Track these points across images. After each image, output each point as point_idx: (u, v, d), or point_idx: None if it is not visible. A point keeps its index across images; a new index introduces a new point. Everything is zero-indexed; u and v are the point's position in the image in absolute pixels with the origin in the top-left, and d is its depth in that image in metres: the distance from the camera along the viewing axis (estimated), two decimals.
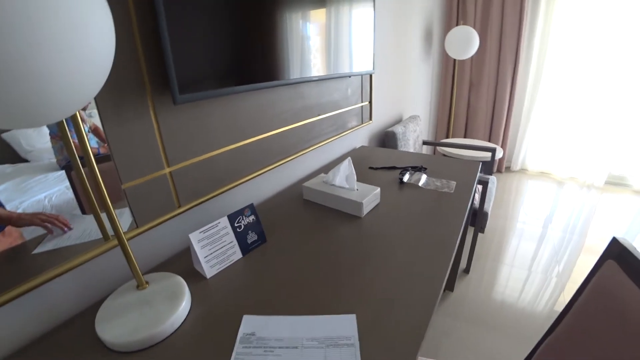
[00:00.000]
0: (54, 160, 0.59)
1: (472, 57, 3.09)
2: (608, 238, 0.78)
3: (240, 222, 0.78)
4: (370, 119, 1.75)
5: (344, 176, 1.03)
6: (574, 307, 0.66)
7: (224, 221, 0.76)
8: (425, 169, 1.30)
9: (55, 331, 0.59)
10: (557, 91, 3.08)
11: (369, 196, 0.97)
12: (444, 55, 3.10)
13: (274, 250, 0.81)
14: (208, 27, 0.72)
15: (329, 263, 0.75)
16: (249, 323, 0.58)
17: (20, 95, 0.32)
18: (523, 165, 3.49)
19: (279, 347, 0.53)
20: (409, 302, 0.62)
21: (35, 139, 0.58)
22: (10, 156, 0.55)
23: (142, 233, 0.72)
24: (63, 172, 0.60)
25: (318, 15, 1.06)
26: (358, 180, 1.03)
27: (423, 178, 1.20)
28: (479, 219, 1.72)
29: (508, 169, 3.54)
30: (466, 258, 1.92)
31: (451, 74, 3.14)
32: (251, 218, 0.81)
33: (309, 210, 1.01)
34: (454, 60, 2.94)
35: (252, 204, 0.82)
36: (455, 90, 3.13)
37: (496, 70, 3.07)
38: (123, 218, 0.68)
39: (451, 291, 1.75)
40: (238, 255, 0.78)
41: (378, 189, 1.02)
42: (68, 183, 0.60)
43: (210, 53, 0.73)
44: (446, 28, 3.03)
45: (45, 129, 0.59)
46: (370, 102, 1.71)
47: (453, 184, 1.15)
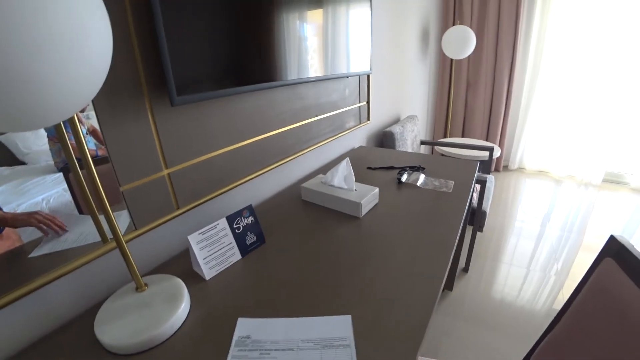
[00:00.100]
0: (52, 162, 0.59)
1: (469, 57, 3.10)
2: (606, 236, 0.78)
3: (239, 224, 0.78)
4: (368, 119, 1.75)
5: (343, 176, 1.03)
6: (573, 305, 0.66)
7: (223, 222, 0.76)
8: (423, 169, 1.30)
9: (54, 334, 0.59)
10: (554, 90, 3.10)
11: (368, 196, 0.97)
12: (441, 55, 3.12)
13: (273, 251, 0.81)
14: (205, 28, 0.72)
15: (328, 263, 0.75)
16: (244, 326, 0.58)
17: (17, 98, 0.32)
18: (521, 164, 3.50)
19: (275, 350, 0.53)
20: (409, 302, 0.62)
21: (32, 141, 0.57)
22: (7, 159, 0.55)
23: (141, 235, 0.72)
24: (61, 175, 0.60)
25: (315, 15, 1.06)
26: (356, 180, 1.04)
27: (421, 178, 1.20)
28: (478, 218, 1.73)
29: (506, 168, 3.55)
30: (465, 257, 1.92)
31: (448, 74, 3.15)
32: (250, 219, 0.81)
33: (308, 211, 1.01)
34: (451, 59, 2.96)
35: (251, 205, 0.82)
36: (452, 89, 3.14)
37: (493, 69, 3.08)
38: (121, 220, 0.68)
39: (450, 290, 1.75)
40: (237, 256, 0.78)
41: (376, 189, 1.02)
42: (66, 185, 0.60)
43: (207, 54, 0.73)
44: (443, 28, 3.04)
45: (42, 131, 0.58)
46: (368, 103, 1.71)
47: (451, 184, 1.15)
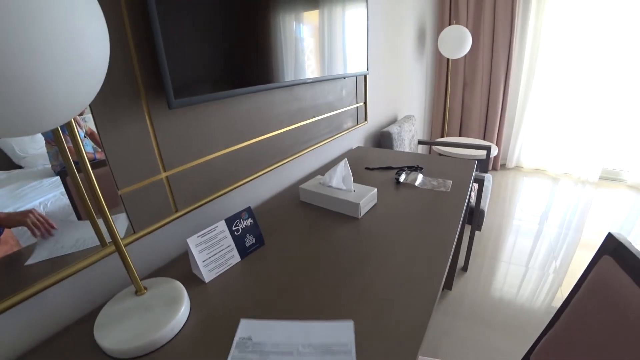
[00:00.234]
0: (49, 166, 0.59)
1: (466, 56, 3.12)
2: (603, 233, 0.78)
3: (237, 226, 0.78)
4: (365, 120, 1.75)
5: (341, 177, 1.03)
6: (572, 303, 0.67)
7: (222, 225, 0.75)
8: (421, 169, 1.30)
9: (54, 338, 0.59)
10: (550, 88, 3.11)
11: (366, 197, 0.97)
12: (438, 54, 3.12)
13: (273, 253, 0.81)
14: (202, 31, 0.72)
15: (328, 264, 0.75)
16: (246, 327, 0.58)
17: (15, 102, 0.32)
18: (518, 162, 3.52)
19: (275, 353, 0.53)
20: (409, 302, 0.62)
21: (28, 145, 0.57)
22: (3, 162, 0.55)
23: (140, 238, 0.72)
24: (58, 178, 0.59)
25: (311, 16, 1.06)
26: (355, 181, 1.04)
27: (419, 178, 1.20)
28: (476, 217, 1.73)
29: (503, 167, 3.56)
30: (464, 256, 1.93)
31: (445, 74, 3.16)
32: (249, 221, 0.81)
33: (307, 212, 1.01)
34: (448, 59, 2.96)
35: (250, 207, 0.81)
36: (449, 89, 3.15)
37: (489, 68, 3.10)
38: (119, 223, 0.68)
39: (450, 290, 1.75)
40: (236, 258, 0.78)
41: (375, 190, 1.02)
42: (63, 189, 0.60)
43: (204, 57, 0.73)
44: (439, 28, 3.05)
45: (39, 135, 0.58)
46: (365, 103, 1.72)
47: (449, 183, 1.16)
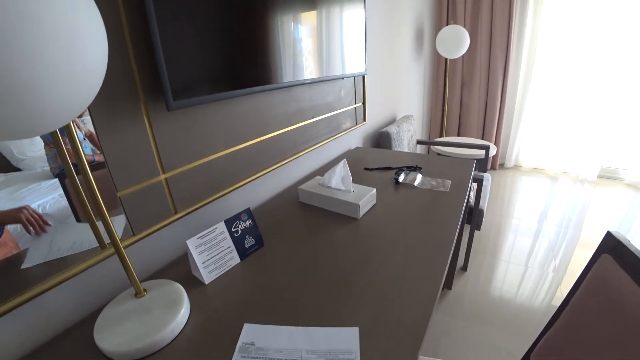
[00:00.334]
0: (47, 168, 0.59)
1: (463, 56, 3.12)
2: (602, 231, 0.78)
3: (237, 227, 0.78)
4: (364, 120, 1.76)
5: (340, 178, 1.03)
6: (572, 302, 0.67)
7: (221, 226, 0.75)
8: (420, 169, 1.30)
9: (54, 341, 0.59)
10: (548, 87, 3.12)
11: (365, 197, 0.97)
12: (436, 54, 3.13)
13: (272, 254, 0.81)
14: (200, 32, 0.72)
15: (328, 265, 0.75)
16: (250, 332, 0.58)
17: (13, 106, 0.32)
18: (517, 161, 3.52)
19: (278, 359, 0.52)
20: (409, 302, 0.62)
21: (27, 148, 0.57)
22: (2, 165, 0.55)
23: (139, 240, 0.71)
24: (57, 181, 0.59)
25: (309, 17, 1.06)
26: (354, 181, 1.04)
27: (418, 178, 1.21)
28: (475, 217, 1.73)
29: (502, 166, 3.57)
30: (463, 256, 1.93)
31: (443, 73, 3.17)
32: (248, 222, 0.81)
33: (306, 212, 1.01)
34: (446, 59, 2.97)
35: (249, 209, 0.81)
36: (447, 89, 3.15)
37: (487, 68, 3.10)
38: (118, 225, 0.67)
39: (449, 289, 1.75)
40: (236, 260, 0.78)
41: (374, 190, 1.02)
42: (62, 191, 0.60)
43: (202, 58, 0.73)
44: (437, 27, 3.06)
45: (38, 137, 0.58)
46: (363, 103, 1.72)
47: (448, 183, 1.16)
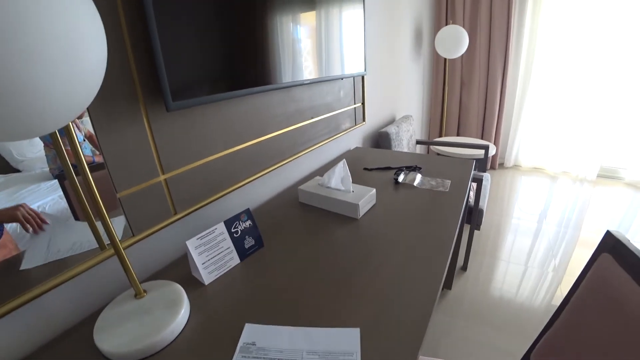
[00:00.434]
0: (47, 169, 0.59)
1: (463, 56, 3.13)
2: (602, 231, 0.79)
3: (237, 228, 0.78)
4: (363, 120, 1.76)
5: (339, 178, 1.03)
6: (572, 301, 0.67)
7: (221, 227, 0.75)
8: (419, 169, 1.30)
9: (53, 342, 0.59)
10: (547, 87, 3.12)
11: (365, 197, 0.97)
12: (435, 54, 3.13)
13: (272, 254, 0.81)
14: (199, 33, 0.72)
15: (327, 265, 0.75)
16: (251, 332, 0.58)
17: (12, 107, 0.32)
18: (516, 161, 3.52)
19: (278, 359, 0.52)
20: (409, 302, 0.62)
21: (26, 149, 0.57)
22: (1, 166, 0.54)
23: (139, 241, 0.71)
24: (56, 182, 0.59)
25: (308, 18, 1.07)
26: (353, 181, 1.04)
27: (418, 178, 1.21)
28: (475, 217, 1.73)
29: (501, 166, 3.57)
30: (463, 256, 1.93)
31: (442, 73, 3.17)
32: (248, 223, 0.81)
33: (306, 213, 1.01)
34: (445, 59, 2.97)
35: (249, 209, 0.81)
36: (446, 89, 3.15)
37: (486, 68, 3.11)
38: (118, 226, 0.67)
39: (449, 289, 1.75)
40: (236, 260, 0.77)
41: (374, 190, 1.02)
42: (61, 192, 0.60)
43: (201, 59, 0.73)
44: (436, 28, 3.06)
45: (37, 138, 0.58)
46: (363, 104, 1.72)
47: (448, 183, 1.16)
